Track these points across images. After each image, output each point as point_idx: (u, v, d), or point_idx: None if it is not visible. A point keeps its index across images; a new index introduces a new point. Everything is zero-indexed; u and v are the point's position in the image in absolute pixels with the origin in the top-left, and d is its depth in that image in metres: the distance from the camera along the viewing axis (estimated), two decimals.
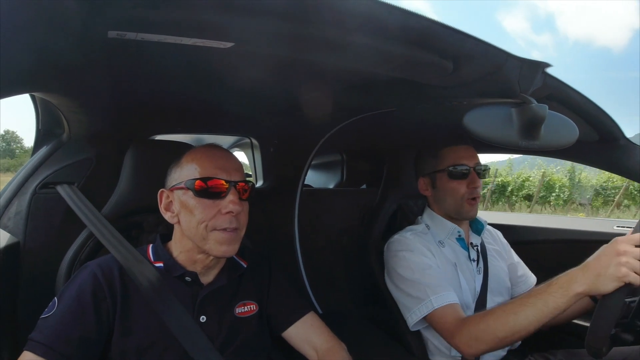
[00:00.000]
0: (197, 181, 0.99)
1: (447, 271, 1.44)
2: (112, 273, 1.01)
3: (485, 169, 1.51)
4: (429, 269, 1.40)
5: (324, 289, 2.02)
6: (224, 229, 1.00)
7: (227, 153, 1.08)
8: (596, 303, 1.09)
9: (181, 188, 1.01)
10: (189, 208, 1.00)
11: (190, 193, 1.00)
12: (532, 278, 1.66)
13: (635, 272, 0.96)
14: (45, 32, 0.63)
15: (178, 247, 1.07)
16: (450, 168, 1.47)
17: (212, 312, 1.05)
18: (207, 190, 0.99)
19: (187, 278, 1.05)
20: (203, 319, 1.04)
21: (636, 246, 0.99)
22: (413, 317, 1.38)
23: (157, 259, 1.07)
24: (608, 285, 0.99)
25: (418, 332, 1.45)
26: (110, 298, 0.97)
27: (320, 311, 1.91)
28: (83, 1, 0.60)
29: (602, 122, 1.32)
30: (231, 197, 1.00)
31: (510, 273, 1.63)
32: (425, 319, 1.37)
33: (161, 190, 1.06)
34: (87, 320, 0.94)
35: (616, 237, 1.03)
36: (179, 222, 1.04)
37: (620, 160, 1.44)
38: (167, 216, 1.05)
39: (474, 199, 1.48)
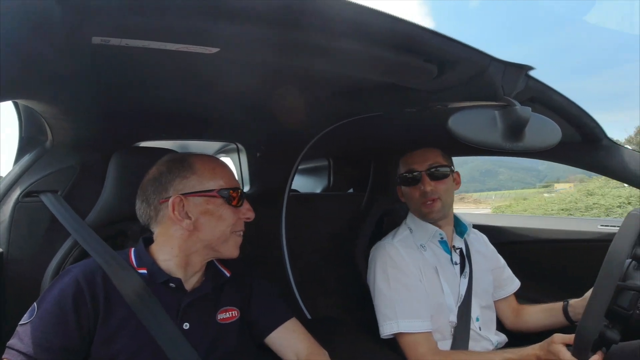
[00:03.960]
0: (231, 191, 1.08)
1: (427, 277, 1.46)
2: (94, 278, 0.99)
3: (442, 167, 1.50)
4: (406, 289, 1.42)
5: (312, 294, 2.01)
6: (240, 234, 1.13)
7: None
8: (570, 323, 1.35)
9: (207, 195, 1.05)
10: (216, 214, 1.06)
11: (221, 201, 1.06)
12: (515, 284, 1.71)
13: None
14: (29, 38, 0.63)
15: (174, 252, 1.06)
16: (404, 174, 1.52)
17: (195, 319, 1.05)
18: (237, 199, 1.10)
19: (171, 284, 1.04)
20: (186, 325, 1.03)
21: None
22: (381, 330, 1.43)
23: (140, 265, 1.06)
24: None
25: None
26: (91, 304, 0.95)
27: (309, 317, 1.90)
28: (68, 8, 0.59)
29: (585, 123, 1.35)
30: (247, 205, 1.14)
31: (495, 276, 1.66)
32: (395, 337, 1.41)
33: (176, 196, 1.03)
34: (69, 328, 0.92)
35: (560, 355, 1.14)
36: (194, 228, 1.05)
37: (603, 161, 1.47)
38: (184, 223, 1.04)
39: (432, 201, 1.49)
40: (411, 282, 1.43)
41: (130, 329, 0.97)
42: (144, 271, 1.04)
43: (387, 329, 1.40)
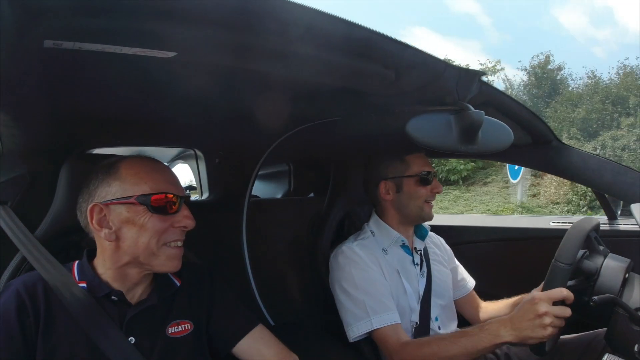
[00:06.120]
0: (154, 196, 0.97)
1: (391, 279, 1.49)
2: (35, 289, 0.96)
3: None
4: (372, 286, 1.43)
5: (275, 300, 2.00)
6: (176, 245, 1.01)
7: (168, 167, 1.08)
8: None
9: (126, 203, 0.97)
10: (138, 224, 0.97)
11: (143, 208, 0.97)
12: (471, 282, 1.77)
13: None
14: None
15: (107, 264, 1.01)
16: (422, 174, 1.53)
17: (141, 333, 1.01)
18: (163, 206, 0.98)
19: (113, 297, 1.00)
20: (132, 340, 0.99)
21: (554, 302, 1.09)
22: (353, 332, 1.43)
23: (81, 279, 1.01)
24: (535, 341, 1.11)
25: (371, 339, 1.46)
26: (33, 315, 0.93)
27: (272, 323, 1.88)
28: (20, 9, 0.56)
29: (535, 125, 1.42)
30: (185, 212, 1.02)
31: (452, 277, 1.70)
32: (370, 335, 1.42)
33: (94, 204, 0.98)
34: (15, 341, 0.89)
35: (534, 295, 1.13)
36: (117, 238, 0.98)
37: (553, 161, 1.54)
38: (102, 233, 0.98)
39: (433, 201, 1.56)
40: (375, 277, 1.45)
41: (74, 342, 0.94)
42: (84, 285, 0.99)
43: (361, 328, 1.40)
